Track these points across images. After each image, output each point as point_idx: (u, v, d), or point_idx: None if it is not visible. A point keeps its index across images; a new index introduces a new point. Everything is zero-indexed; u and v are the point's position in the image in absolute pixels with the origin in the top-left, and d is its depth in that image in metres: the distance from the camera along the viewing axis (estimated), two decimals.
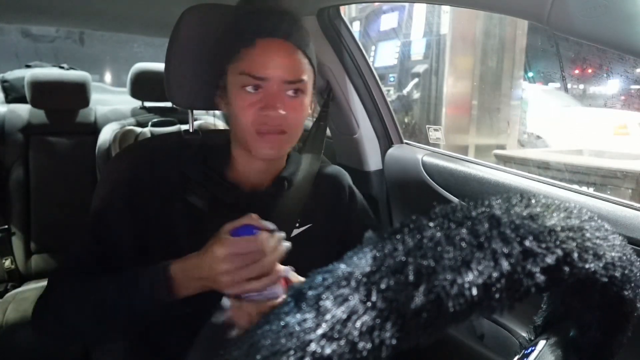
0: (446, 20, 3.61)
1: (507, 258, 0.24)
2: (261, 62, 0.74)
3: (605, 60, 1.88)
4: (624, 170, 2.83)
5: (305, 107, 0.79)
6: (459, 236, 0.24)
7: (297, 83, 0.76)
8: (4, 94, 2.08)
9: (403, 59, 3.82)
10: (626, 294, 0.31)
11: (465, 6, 0.90)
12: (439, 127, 3.33)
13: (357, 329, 0.21)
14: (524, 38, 3.71)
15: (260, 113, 0.74)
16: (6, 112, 1.91)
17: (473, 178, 1.07)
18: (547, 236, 0.26)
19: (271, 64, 0.74)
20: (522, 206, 0.28)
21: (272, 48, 0.74)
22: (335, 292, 0.22)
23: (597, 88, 3.79)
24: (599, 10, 0.59)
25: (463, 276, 0.23)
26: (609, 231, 0.31)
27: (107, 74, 3.99)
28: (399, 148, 1.34)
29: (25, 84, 1.86)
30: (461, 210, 0.27)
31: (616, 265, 0.30)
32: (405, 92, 3.78)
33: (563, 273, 0.26)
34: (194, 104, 0.94)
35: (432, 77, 3.70)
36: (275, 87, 0.74)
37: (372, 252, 0.24)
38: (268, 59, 0.74)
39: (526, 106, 4.00)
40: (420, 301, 0.22)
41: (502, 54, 3.74)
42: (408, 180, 1.25)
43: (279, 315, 0.23)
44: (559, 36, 0.65)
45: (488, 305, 0.24)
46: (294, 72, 0.75)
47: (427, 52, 3.69)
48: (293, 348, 0.21)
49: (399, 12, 3.89)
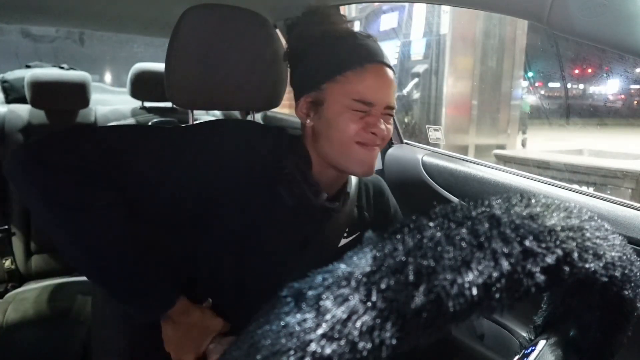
0: (446, 20, 3.61)
1: (507, 258, 0.24)
2: (372, 87, 0.75)
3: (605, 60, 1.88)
4: (624, 170, 2.83)
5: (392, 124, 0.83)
6: (459, 236, 0.24)
7: (394, 99, 0.79)
8: (4, 94, 2.08)
9: (403, 59, 3.82)
10: (626, 294, 0.31)
11: (465, 6, 0.90)
12: (439, 127, 3.33)
13: (357, 329, 0.21)
14: (524, 38, 3.71)
15: (367, 130, 0.76)
16: (6, 112, 1.91)
17: (473, 178, 1.07)
18: (547, 236, 0.26)
19: (380, 90, 0.76)
20: (522, 206, 0.28)
21: (380, 73, 0.77)
22: (335, 292, 0.22)
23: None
24: (598, 10, 0.59)
25: (463, 276, 0.23)
26: (609, 231, 0.31)
27: (107, 74, 3.99)
28: (399, 148, 1.34)
29: (25, 84, 1.86)
30: (461, 210, 0.27)
31: (616, 265, 0.30)
32: (405, 92, 3.78)
33: (563, 273, 0.26)
34: (194, 104, 0.94)
35: (432, 77, 3.70)
36: (380, 107, 0.77)
37: (372, 252, 0.24)
38: (377, 85, 0.76)
39: (526, 106, 4.00)
40: (421, 301, 0.22)
41: (502, 54, 3.74)
42: (408, 180, 1.25)
43: (279, 315, 0.23)
44: (559, 36, 0.65)
45: (488, 305, 0.24)
46: (393, 97, 0.79)
47: (427, 52, 3.69)
48: (293, 348, 0.21)
49: (399, 12, 3.89)
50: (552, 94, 4.36)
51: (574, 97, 4.20)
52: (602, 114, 4.08)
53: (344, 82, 0.76)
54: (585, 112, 4.25)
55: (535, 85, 4.13)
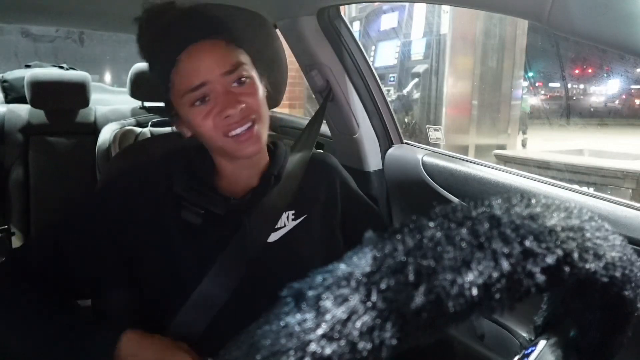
0: (446, 20, 3.61)
1: (507, 258, 0.24)
2: (191, 71, 0.72)
3: (605, 60, 1.89)
4: (624, 170, 2.83)
5: (258, 88, 0.78)
6: (459, 236, 0.24)
7: (236, 70, 0.74)
8: (4, 94, 2.08)
9: (403, 59, 3.82)
10: (626, 294, 0.31)
11: (465, 6, 0.90)
12: (439, 127, 3.33)
13: (357, 329, 0.21)
14: (524, 38, 3.71)
15: (221, 117, 0.73)
16: (6, 112, 1.91)
17: (473, 178, 1.07)
18: (547, 236, 0.26)
19: (201, 66, 0.72)
20: (523, 206, 0.28)
21: (193, 53, 0.73)
22: (335, 292, 0.22)
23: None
24: (599, 10, 0.59)
25: (463, 276, 0.23)
26: (609, 231, 0.31)
27: (107, 74, 3.99)
28: (399, 148, 1.34)
29: (25, 84, 1.86)
30: (461, 210, 0.27)
31: (616, 265, 0.30)
32: (405, 92, 3.78)
33: (563, 273, 0.26)
34: None
35: (432, 77, 3.69)
36: (218, 84, 0.73)
37: (372, 252, 0.24)
38: (195, 65, 0.73)
39: (527, 106, 4.00)
40: (420, 301, 0.22)
41: (502, 53, 3.74)
42: (408, 180, 1.25)
43: (279, 315, 0.23)
44: (559, 36, 0.65)
45: (488, 305, 0.24)
46: (227, 59, 0.73)
47: (427, 52, 3.68)
48: (293, 348, 0.21)
49: (399, 12, 3.89)
50: (552, 94, 4.36)
51: (574, 97, 4.20)
52: (603, 114, 4.08)
53: (173, 86, 0.75)
54: (585, 112, 4.25)
55: (535, 86, 4.13)
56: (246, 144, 0.75)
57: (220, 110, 0.72)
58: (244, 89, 0.74)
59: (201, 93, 0.72)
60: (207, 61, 0.72)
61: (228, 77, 0.73)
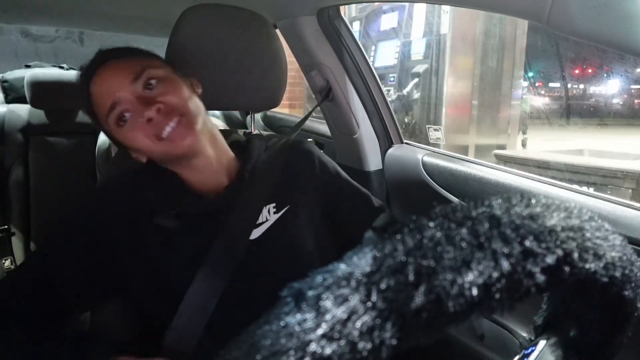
0: (446, 20, 3.60)
1: (507, 258, 0.24)
2: (100, 95, 0.75)
3: (605, 60, 1.89)
4: (624, 170, 2.83)
5: (178, 87, 0.77)
6: (459, 236, 0.24)
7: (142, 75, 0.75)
8: (4, 94, 2.08)
9: (403, 59, 3.82)
10: (626, 294, 0.31)
11: (465, 6, 0.90)
12: (439, 127, 3.33)
13: (357, 329, 0.21)
14: (524, 38, 3.71)
15: (144, 123, 0.73)
16: (6, 112, 1.91)
17: (473, 178, 1.07)
18: (547, 236, 0.26)
19: (104, 87, 0.75)
20: (522, 206, 0.28)
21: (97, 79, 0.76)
22: (335, 292, 0.22)
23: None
24: (598, 10, 0.59)
25: (463, 276, 0.23)
26: (609, 231, 0.31)
27: None
28: (399, 148, 1.34)
29: (25, 84, 1.85)
30: (461, 210, 0.27)
31: (616, 265, 0.30)
32: (405, 92, 3.78)
33: (563, 273, 0.26)
34: None
35: (432, 77, 3.69)
36: (128, 94, 0.73)
37: (372, 252, 0.24)
38: (101, 88, 0.75)
39: (527, 106, 4.00)
40: (420, 301, 0.22)
41: (502, 53, 3.73)
42: (408, 180, 1.25)
43: (279, 315, 0.23)
44: (559, 36, 0.65)
45: (488, 305, 0.24)
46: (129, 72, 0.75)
47: (427, 52, 3.68)
48: (293, 348, 0.21)
49: (399, 12, 3.89)
50: (552, 94, 4.36)
51: (574, 97, 4.20)
52: (603, 114, 4.08)
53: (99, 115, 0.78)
54: (585, 112, 4.25)
55: (535, 86, 4.13)
56: (179, 138, 0.74)
57: (138, 116, 0.73)
58: (157, 91, 0.75)
59: (118, 111, 0.74)
60: (114, 79, 0.75)
61: (136, 84, 0.74)
